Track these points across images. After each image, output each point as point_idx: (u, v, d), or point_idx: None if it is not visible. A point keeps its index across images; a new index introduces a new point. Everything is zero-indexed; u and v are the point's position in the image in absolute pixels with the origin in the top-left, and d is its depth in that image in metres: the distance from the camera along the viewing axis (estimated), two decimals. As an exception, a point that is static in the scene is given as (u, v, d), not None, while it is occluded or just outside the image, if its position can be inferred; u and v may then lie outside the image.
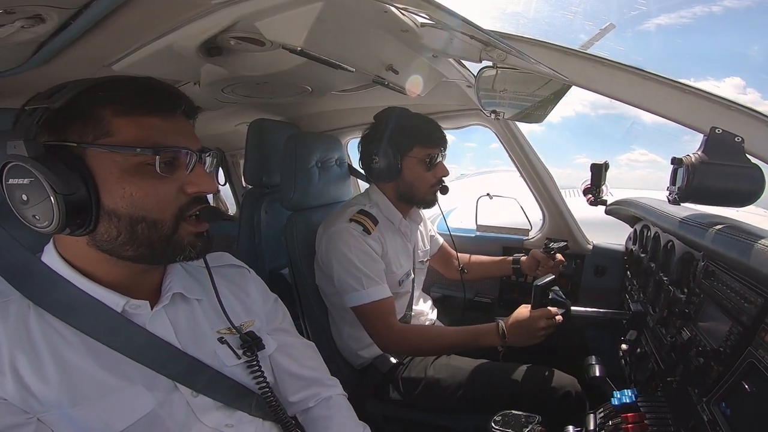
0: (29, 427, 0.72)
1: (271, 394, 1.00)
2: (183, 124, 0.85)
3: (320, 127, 2.59)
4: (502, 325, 1.54)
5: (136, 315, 0.86)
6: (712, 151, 0.99)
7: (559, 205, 2.31)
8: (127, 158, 0.77)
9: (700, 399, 0.96)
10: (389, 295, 1.68)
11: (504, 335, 1.53)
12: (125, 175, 0.77)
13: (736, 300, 0.93)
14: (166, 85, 0.85)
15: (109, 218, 0.78)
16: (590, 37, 1.38)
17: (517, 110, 1.69)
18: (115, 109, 0.77)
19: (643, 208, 1.74)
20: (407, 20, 1.19)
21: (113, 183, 0.77)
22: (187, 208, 0.83)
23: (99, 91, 0.78)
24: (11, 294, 0.78)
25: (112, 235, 0.79)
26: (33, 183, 0.74)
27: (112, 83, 0.80)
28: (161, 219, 0.80)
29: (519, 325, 1.52)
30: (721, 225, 1.07)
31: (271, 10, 1.05)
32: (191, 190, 0.83)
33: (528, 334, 1.50)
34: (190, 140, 0.84)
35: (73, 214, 0.75)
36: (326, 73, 1.39)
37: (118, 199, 0.77)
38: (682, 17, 72.77)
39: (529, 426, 1.18)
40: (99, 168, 0.76)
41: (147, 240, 0.80)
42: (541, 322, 1.49)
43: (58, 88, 0.79)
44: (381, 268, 1.70)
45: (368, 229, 1.70)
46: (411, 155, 1.77)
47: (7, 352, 0.73)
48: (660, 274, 1.46)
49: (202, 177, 0.84)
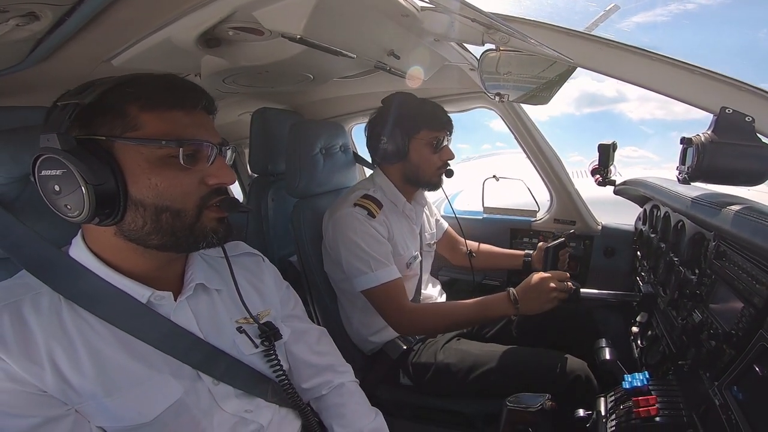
0: (69, 419, 0.76)
1: (287, 381, 1.03)
2: (204, 118, 0.88)
3: (323, 114, 2.58)
4: (513, 292, 1.52)
5: (161, 306, 0.89)
6: (722, 131, 0.97)
7: (566, 186, 2.29)
8: (152, 151, 0.80)
9: (712, 383, 0.95)
10: (398, 276, 1.67)
11: (516, 301, 1.51)
12: (151, 166, 0.80)
13: (748, 281, 0.91)
14: (188, 82, 0.88)
15: (136, 208, 0.80)
16: (594, 18, 1.35)
17: (522, 92, 1.66)
18: (142, 104, 0.80)
19: (652, 188, 1.71)
20: (407, 5, 1.17)
21: (140, 174, 0.79)
22: (208, 199, 0.86)
23: (126, 88, 0.81)
24: (41, 287, 0.81)
25: (138, 225, 0.81)
26: (65, 174, 0.77)
27: (138, 80, 0.83)
28: (184, 208, 0.83)
29: (530, 289, 1.50)
30: (732, 204, 1.05)
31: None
32: (212, 181, 0.85)
33: (539, 297, 1.48)
34: (211, 134, 0.87)
35: (103, 204, 0.77)
36: (327, 60, 1.38)
37: (144, 190, 0.80)
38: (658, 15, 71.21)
39: (540, 400, 1.19)
40: (126, 160, 0.79)
41: (171, 228, 0.83)
42: (552, 282, 1.48)
43: (87, 85, 0.82)
44: (388, 250, 1.70)
45: (373, 212, 1.70)
46: (418, 137, 1.76)
47: (44, 345, 0.76)
48: (670, 254, 1.44)
49: (222, 169, 0.87)
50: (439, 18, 1.24)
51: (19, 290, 0.80)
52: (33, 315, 0.77)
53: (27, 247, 0.83)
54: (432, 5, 1.19)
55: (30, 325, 0.76)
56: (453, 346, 1.79)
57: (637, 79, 1.04)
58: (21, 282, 0.82)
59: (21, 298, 0.78)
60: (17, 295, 0.79)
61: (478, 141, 55.10)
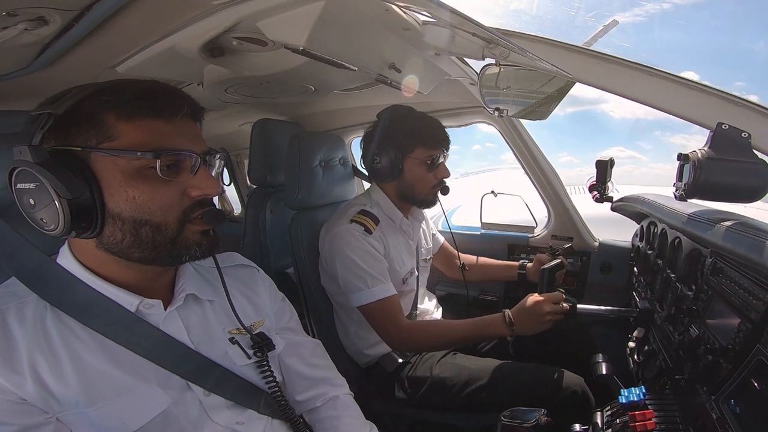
0: (49, 427, 0.74)
1: (280, 393, 1.01)
2: (188, 126, 0.85)
3: (324, 126, 2.59)
4: (508, 314, 1.53)
5: (150, 315, 0.87)
6: (718, 147, 0.98)
7: (564, 202, 2.29)
8: (129, 162, 0.77)
9: (709, 397, 0.95)
10: (394, 292, 1.67)
11: (511, 323, 1.52)
12: (128, 179, 0.77)
13: (745, 297, 0.91)
14: (169, 88, 0.84)
15: (114, 221, 0.78)
16: (593, 33, 1.37)
17: (521, 107, 1.68)
18: (119, 113, 0.77)
19: (649, 205, 1.72)
20: (409, 18, 1.19)
21: (117, 187, 0.77)
22: (191, 211, 0.83)
23: (102, 96, 0.78)
24: (27, 295, 0.79)
25: (118, 238, 0.79)
26: (38, 187, 0.75)
27: (116, 87, 0.80)
28: (165, 222, 0.80)
29: (525, 311, 1.51)
30: (728, 221, 1.06)
31: (272, 9, 1.05)
32: (195, 193, 0.83)
33: (534, 319, 1.49)
34: (194, 142, 0.84)
35: (78, 218, 0.76)
36: (329, 72, 1.39)
37: (121, 203, 0.78)
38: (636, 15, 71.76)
39: (535, 416, 1.18)
40: (103, 172, 0.77)
41: (151, 243, 0.80)
42: (546, 306, 1.48)
43: (64, 93, 0.80)
44: (384, 267, 1.70)
45: (369, 229, 1.70)
46: (413, 156, 1.76)
47: (27, 354, 0.74)
48: (667, 270, 1.45)
49: (205, 180, 0.83)
50: (440, 32, 1.26)
51: (6, 298, 0.79)
52: (17, 323, 0.76)
53: (19, 255, 0.81)
54: (433, 19, 1.21)
55: (13, 333, 0.75)
56: (449, 360, 1.78)
57: (634, 95, 1.05)
58: (9, 290, 0.80)
59: (6, 307, 0.77)
60: (3, 303, 0.78)
61: (467, 142, 54.80)
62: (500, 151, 5.43)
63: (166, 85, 0.84)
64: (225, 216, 0.89)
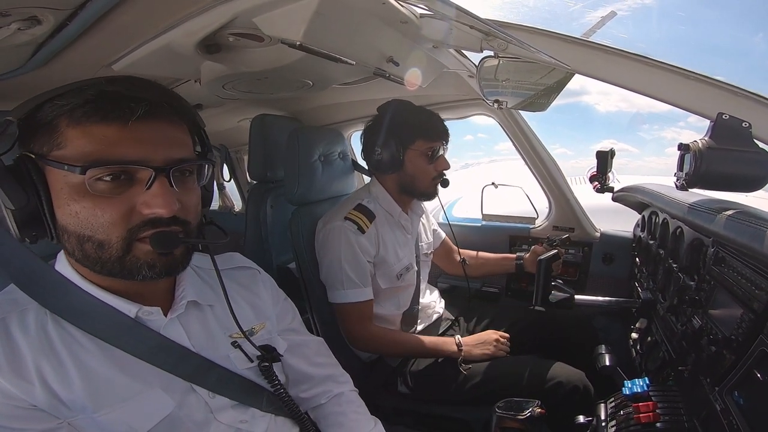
0: (62, 431, 0.74)
1: (284, 391, 1.00)
2: (150, 130, 0.74)
3: (323, 121, 2.58)
4: (458, 338, 1.75)
5: (150, 321, 0.85)
6: (719, 137, 0.98)
7: (565, 193, 2.29)
8: (70, 175, 0.71)
9: (713, 388, 0.95)
10: (369, 297, 1.73)
11: (460, 346, 1.72)
12: (71, 191, 0.72)
13: (747, 287, 0.91)
14: (124, 87, 0.73)
15: (62, 234, 0.76)
16: (592, 24, 1.36)
17: (520, 99, 1.67)
18: (70, 117, 0.71)
19: (650, 195, 1.71)
20: (406, 11, 1.18)
21: (63, 199, 0.73)
22: (138, 231, 0.74)
23: (61, 99, 0.72)
24: (28, 303, 0.78)
25: (70, 251, 0.78)
26: None
27: (74, 90, 0.73)
28: (107, 240, 0.74)
29: (475, 337, 1.78)
30: (730, 210, 1.06)
31: (268, 5, 1.04)
32: (145, 211, 0.74)
33: (481, 344, 1.74)
34: (152, 150, 0.74)
35: (26, 227, 0.74)
36: (326, 66, 1.38)
37: (66, 216, 0.74)
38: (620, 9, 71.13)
39: (529, 407, 1.19)
40: (53, 182, 0.73)
41: (98, 259, 0.75)
42: (494, 335, 1.77)
43: (38, 96, 0.75)
44: (366, 271, 1.73)
45: (362, 227, 1.71)
46: (413, 148, 1.77)
47: (33, 362, 0.74)
48: (669, 261, 1.44)
49: (157, 197, 0.73)
50: (438, 25, 1.25)
51: (7, 306, 0.77)
52: (19, 332, 0.75)
53: (17, 261, 0.78)
54: (430, 12, 1.20)
55: (17, 341, 0.74)
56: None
57: (633, 85, 1.05)
58: (9, 298, 0.79)
59: (8, 315, 0.76)
60: (4, 311, 0.76)
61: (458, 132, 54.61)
62: (494, 141, 5.49)
63: (125, 83, 0.75)
64: (175, 240, 0.78)
